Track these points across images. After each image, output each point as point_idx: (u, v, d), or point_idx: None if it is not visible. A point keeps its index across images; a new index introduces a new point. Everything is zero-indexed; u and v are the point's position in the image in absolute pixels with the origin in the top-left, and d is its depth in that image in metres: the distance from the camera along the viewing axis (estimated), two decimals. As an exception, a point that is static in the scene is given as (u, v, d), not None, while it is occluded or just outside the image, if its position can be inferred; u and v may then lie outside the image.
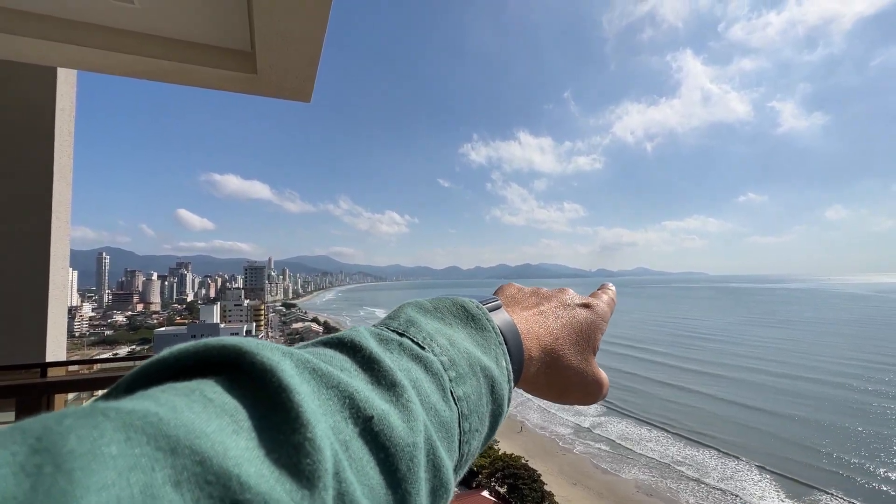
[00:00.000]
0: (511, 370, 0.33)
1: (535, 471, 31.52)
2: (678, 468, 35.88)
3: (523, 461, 32.34)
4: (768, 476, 34.34)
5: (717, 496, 31.92)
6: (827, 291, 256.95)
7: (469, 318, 0.33)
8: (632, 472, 35.59)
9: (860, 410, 47.50)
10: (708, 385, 58.02)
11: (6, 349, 1.33)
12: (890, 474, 34.70)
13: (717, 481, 33.81)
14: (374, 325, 0.28)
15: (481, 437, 0.29)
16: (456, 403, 0.26)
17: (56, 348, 1.20)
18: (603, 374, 0.43)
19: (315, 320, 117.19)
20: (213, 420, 0.13)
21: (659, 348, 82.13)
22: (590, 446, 40.44)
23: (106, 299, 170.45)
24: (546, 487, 30.69)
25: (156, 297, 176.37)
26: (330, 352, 0.23)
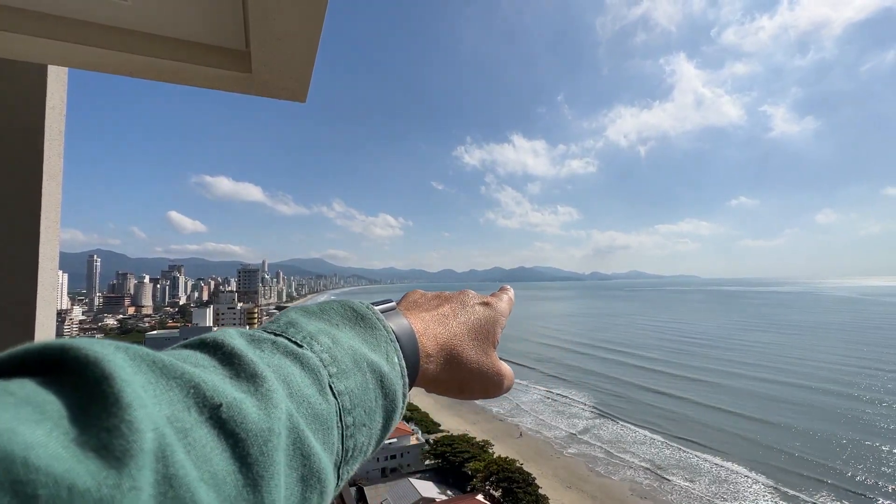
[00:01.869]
0: (404, 366, 0.34)
1: (529, 474, 31.48)
2: (671, 472, 36.00)
3: (518, 465, 32.29)
4: (760, 482, 34.54)
5: (708, 500, 32.08)
6: (816, 295, 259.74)
7: (358, 318, 0.34)
8: (626, 474, 35.66)
9: (846, 417, 47.85)
10: (698, 392, 58.31)
11: (-8, 353, 1.31)
12: (874, 482, 35.05)
13: (709, 485, 34.02)
14: (252, 329, 0.29)
15: (370, 431, 0.30)
16: (336, 397, 0.27)
17: (44, 351, 1.16)
18: (504, 367, 0.46)
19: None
20: (8, 410, 0.13)
21: (650, 353, 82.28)
22: (583, 450, 40.48)
23: (97, 302, 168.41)
24: (540, 491, 30.66)
25: (148, 301, 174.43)
26: (188, 352, 0.23)
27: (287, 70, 1.02)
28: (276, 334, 0.28)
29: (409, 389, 0.36)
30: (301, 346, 0.28)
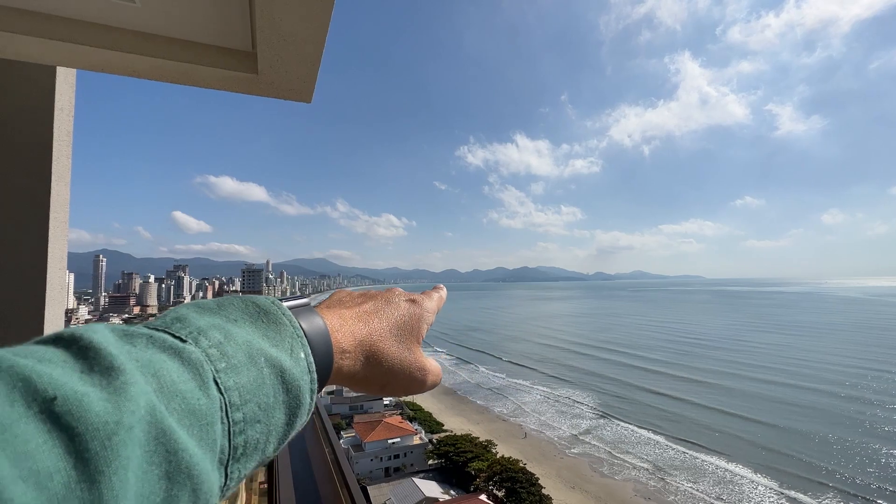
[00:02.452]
0: (312, 361, 0.33)
1: (532, 474, 31.42)
2: (674, 473, 35.87)
3: (521, 465, 32.23)
4: (763, 485, 34.33)
5: (712, 502, 31.92)
6: (822, 295, 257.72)
7: (261, 314, 0.33)
8: (629, 475, 35.52)
9: (852, 420, 47.27)
10: (700, 393, 57.86)
11: (1, 351, 1.31)
12: (879, 486, 34.75)
13: (713, 486, 33.88)
14: (135, 324, 0.28)
15: (268, 427, 0.29)
16: (222, 393, 0.26)
17: (53, 350, 1.18)
18: (429, 363, 0.46)
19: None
20: None
21: (653, 355, 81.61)
22: (587, 450, 40.35)
23: (102, 302, 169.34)
24: (544, 491, 30.60)
25: (153, 300, 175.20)
26: (37, 346, 0.22)
27: (293, 71, 1.03)
28: (157, 329, 0.27)
29: (322, 385, 0.35)
30: (185, 341, 0.27)
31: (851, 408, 50.76)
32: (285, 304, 0.36)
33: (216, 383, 0.26)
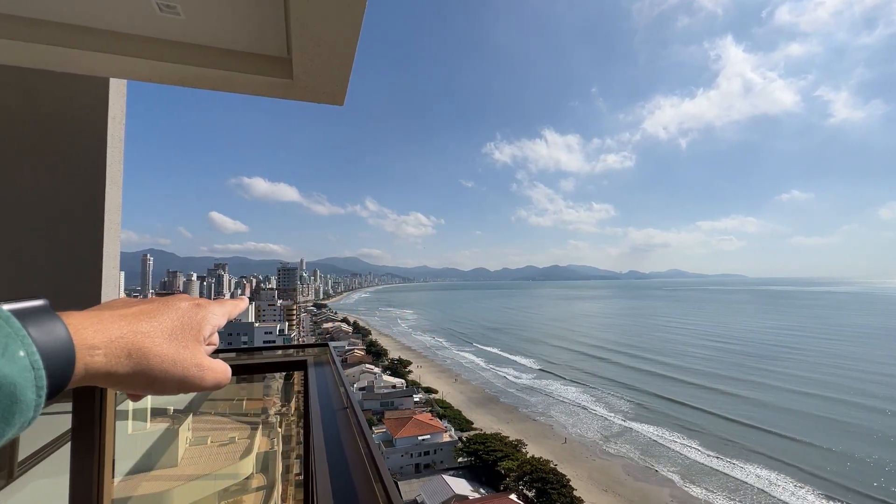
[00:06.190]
0: (38, 358, 0.32)
1: (563, 475, 31.01)
2: (710, 481, 34.62)
3: (552, 465, 31.87)
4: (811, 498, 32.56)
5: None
6: (877, 296, 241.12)
7: None
8: (663, 481, 34.50)
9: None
10: (738, 407, 55.49)
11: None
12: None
13: (754, 496, 32.55)
14: None
15: None
16: None
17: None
18: (210, 361, 0.46)
19: (345, 320, 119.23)
20: None
21: (687, 363, 76.44)
22: (619, 454, 39.57)
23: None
24: (575, 493, 30.14)
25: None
26: None
27: (326, 74, 1.06)
28: None
29: (66, 382, 0.34)
30: None
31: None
32: (8, 305, 0.34)
33: None
